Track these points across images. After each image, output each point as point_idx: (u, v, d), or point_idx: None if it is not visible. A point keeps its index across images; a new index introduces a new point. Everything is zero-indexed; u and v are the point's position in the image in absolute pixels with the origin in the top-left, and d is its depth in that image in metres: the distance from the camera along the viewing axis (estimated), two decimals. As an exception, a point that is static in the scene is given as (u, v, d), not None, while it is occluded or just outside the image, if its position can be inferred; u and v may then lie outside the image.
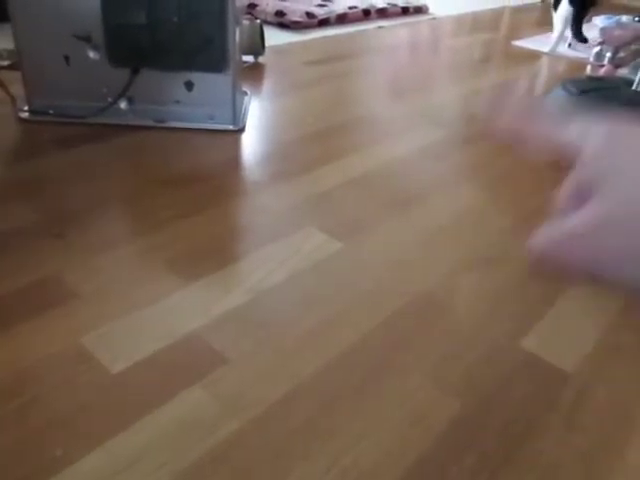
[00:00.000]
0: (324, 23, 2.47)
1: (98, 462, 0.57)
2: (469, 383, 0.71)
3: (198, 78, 1.29)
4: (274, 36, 2.21)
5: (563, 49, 2.43)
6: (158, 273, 0.85)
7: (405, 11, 2.87)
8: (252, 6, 2.49)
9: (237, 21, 1.27)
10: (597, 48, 2.28)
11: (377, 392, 0.68)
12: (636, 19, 2.63)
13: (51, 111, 1.30)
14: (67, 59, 1.26)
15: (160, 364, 0.69)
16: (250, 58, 1.85)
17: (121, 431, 0.60)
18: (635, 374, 0.75)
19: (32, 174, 1.10)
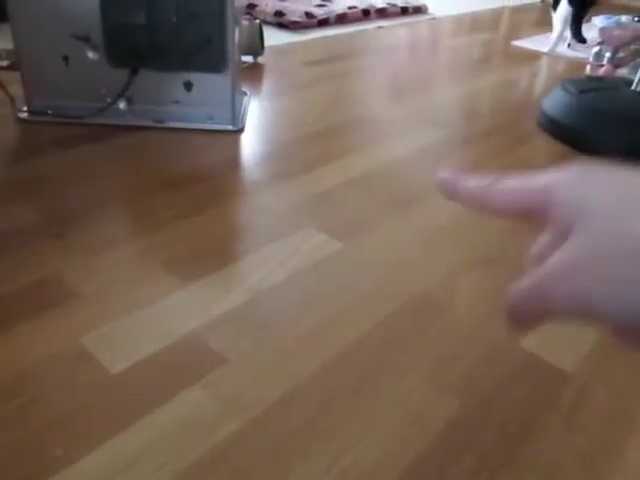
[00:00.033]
0: (323, 23, 2.47)
1: (98, 462, 0.57)
2: (468, 383, 0.71)
3: (197, 78, 1.29)
4: (273, 36, 2.21)
5: (562, 49, 2.44)
6: (158, 273, 0.85)
7: (404, 11, 2.87)
8: (251, 6, 2.49)
9: (236, 21, 1.27)
10: (596, 48, 2.28)
11: (376, 392, 0.68)
12: (635, 19, 2.63)
13: (50, 111, 1.30)
14: (66, 59, 1.26)
15: (160, 364, 0.70)
16: (249, 58, 1.85)
17: (121, 431, 0.61)
18: (635, 374, 0.75)
19: (31, 174, 1.10)
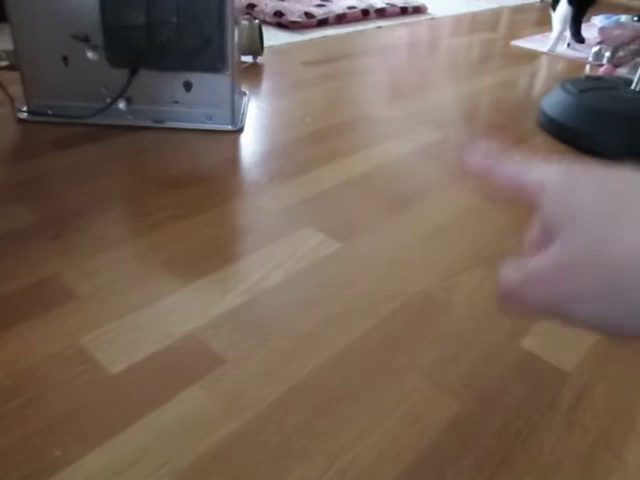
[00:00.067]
0: (323, 23, 2.47)
1: (98, 462, 0.57)
2: (468, 383, 0.71)
3: (197, 78, 1.29)
4: (273, 36, 2.21)
5: (562, 49, 2.44)
6: (157, 274, 0.85)
7: (404, 11, 2.87)
8: (251, 6, 2.49)
9: (236, 21, 1.27)
10: (596, 48, 2.28)
11: (375, 392, 0.68)
12: (635, 19, 2.63)
13: (49, 112, 1.30)
14: (65, 60, 1.26)
15: (159, 364, 0.70)
16: (249, 58, 1.86)
17: (120, 431, 0.61)
18: (634, 374, 0.75)
19: (31, 175, 1.10)
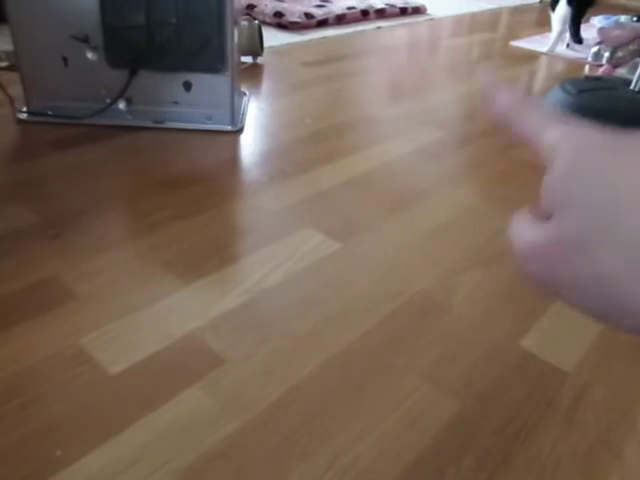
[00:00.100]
0: (322, 24, 2.47)
1: (98, 462, 0.57)
2: (467, 383, 0.71)
3: (196, 79, 1.29)
4: (273, 37, 2.21)
5: (561, 49, 2.44)
6: (156, 274, 0.85)
7: (403, 11, 2.87)
8: (251, 7, 2.50)
9: (236, 22, 1.27)
10: (595, 48, 2.28)
11: (375, 392, 0.69)
12: (634, 19, 2.64)
13: (49, 112, 1.30)
14: (65, 60, 1.26)
15: (158, 365, 0.70)
16: (249, 59, 1.86)
17: (120, 431, 0.61)
18: (633, 373, 0.75)
19: (30, 175, 1.10)
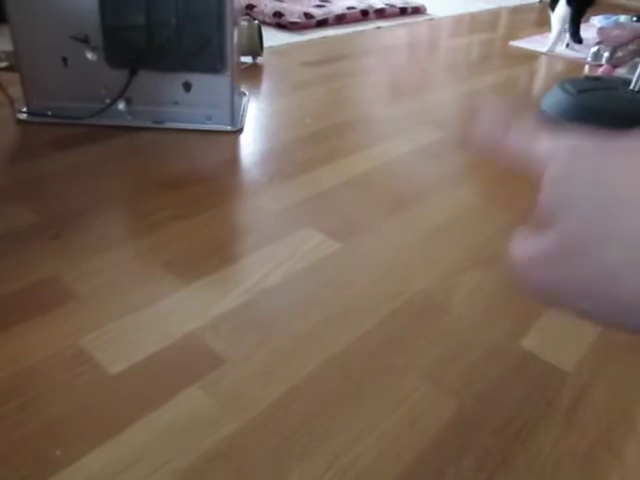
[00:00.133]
0: (322, 24, 2.47)
1: (98, 462, 0.57)
2: (467, 383, 0.71)
3: (196, 79, 1.29)
4: (272, 37, 2.21)
5: (561, 49, 2.44)
6: (156, 274, 0.85)
7: (403, 12, 2.87)
8: (250, 7, 2.50)
9: (235, 22, 1.27)
10: (595, 48, 2.28)
11: (375, 392, 0.69)
12: (634, 19, 2.64)
13: (49, 112, 1.30)
14: (65, 61, 1.26)
15: (158, 365, 0.70)
16: (248, 59, 1.86)
17: (120, 431, 0.61)
18: (633, 373, 0.75)
19: (30, 175, 1.10)
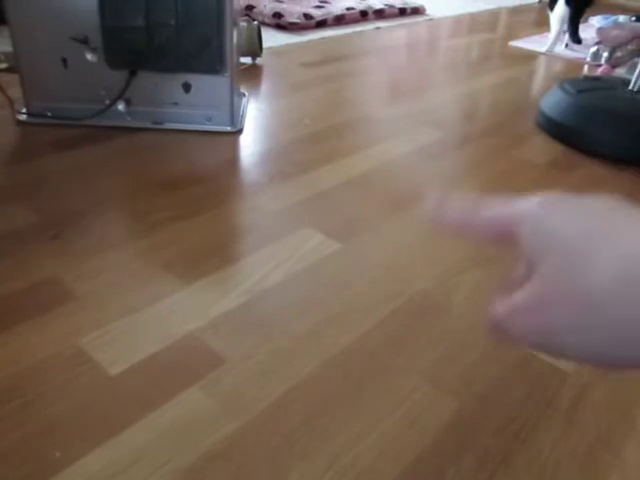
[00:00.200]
0: (321, 24, 2.47)
1: (98, 462, 0.57)
2: (467, 383, 0.71)
3: (196, 80, 1.29)
4: (272, 38, 2.22)
5: (560, 49, 2.44)
6: (156, 274, 0.85)
7: (402, 12, 2.88)
8: (250, 8, 2.50)
9: (235, 23, 1.28)
10: (594, 48, 2.29)
11: (375, 392, 0.69)
12: (633, 19, 2.64)
13: (49, 113, 1.30)
14: (65, 61, 1.26)
15: (158, 365, 0.70)
16: (248, 60, 1.86)
17: (120, 432, 0.61)
18: (632, 374, 0.75)
19: (30, 176, 1.10)
